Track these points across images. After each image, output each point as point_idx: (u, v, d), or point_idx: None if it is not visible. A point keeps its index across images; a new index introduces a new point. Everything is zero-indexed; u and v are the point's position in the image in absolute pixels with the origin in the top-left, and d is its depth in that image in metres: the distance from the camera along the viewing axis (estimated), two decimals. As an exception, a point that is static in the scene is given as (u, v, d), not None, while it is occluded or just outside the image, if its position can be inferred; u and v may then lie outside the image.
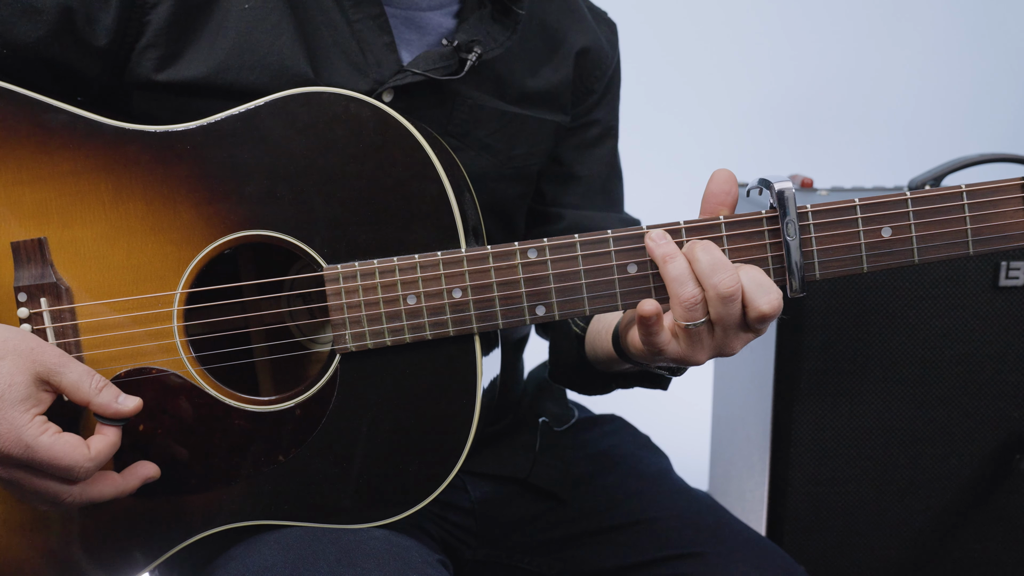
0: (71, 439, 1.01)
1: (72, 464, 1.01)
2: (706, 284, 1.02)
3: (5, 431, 0.98)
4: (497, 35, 1.29)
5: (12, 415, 0.99)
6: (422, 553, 1.15)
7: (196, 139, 1.10)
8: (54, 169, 1.11)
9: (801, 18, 3.28)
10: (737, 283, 1.02)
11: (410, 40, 1.27)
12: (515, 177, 1.38)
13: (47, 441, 1.00)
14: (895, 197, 1.04)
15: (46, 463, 1.00)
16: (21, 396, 1.00)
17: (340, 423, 1.13)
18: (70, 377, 1.03)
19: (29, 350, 1.02)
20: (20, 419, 0.99)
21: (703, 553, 1.33)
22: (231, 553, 1.14)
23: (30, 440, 0.99)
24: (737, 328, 1.04)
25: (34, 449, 0.99)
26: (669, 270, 1.04)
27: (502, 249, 1.08)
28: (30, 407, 1.00)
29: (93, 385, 1.04)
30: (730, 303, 1.02)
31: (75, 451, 1.01)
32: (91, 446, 1.03)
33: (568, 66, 1.41)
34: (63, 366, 1.03)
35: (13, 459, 1.00)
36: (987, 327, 1.76)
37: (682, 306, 1.03)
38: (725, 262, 1.03)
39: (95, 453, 1.02)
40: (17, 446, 0.99)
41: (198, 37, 1.17)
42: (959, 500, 1.83)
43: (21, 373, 1.00)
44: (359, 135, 1.09)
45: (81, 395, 1.03)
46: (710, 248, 1.03)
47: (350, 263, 1.10)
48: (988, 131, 3.21)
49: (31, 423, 1.00)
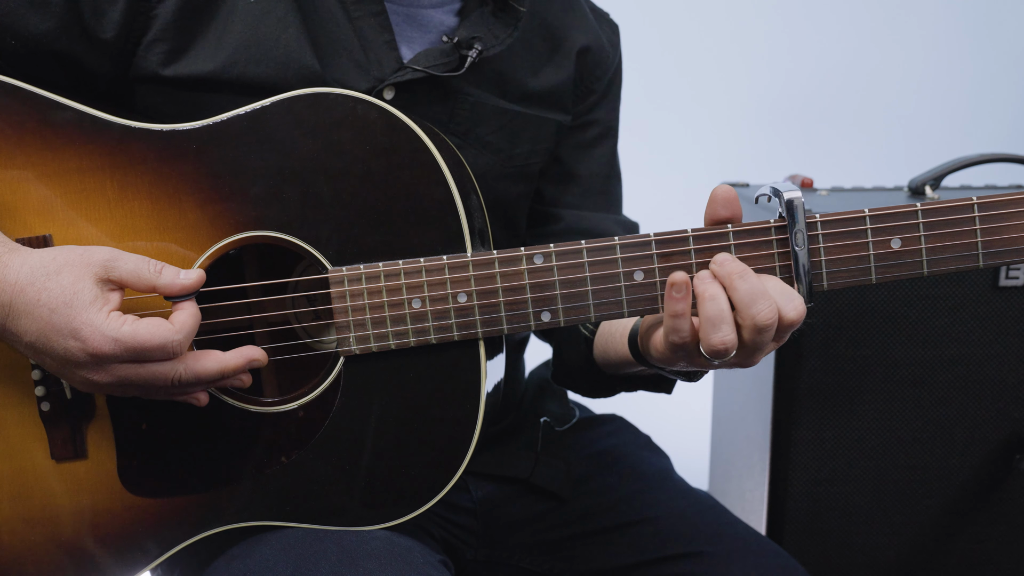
0: (152, 321, 1.02)
1: (163, 340, 1.01)
2: (743, 314, 1.01)
3: (89, 334, 0.99)
4: (498, 32, 1.29)
5: (89, 317, 0.99)
6: (424, 553, 1.15)
7: (202, 138, 1.10)
8: (60, 166, 1.11)
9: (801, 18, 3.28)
10: (775, 314, 1.00)
11: (412, 37, 1.27)
12: (517, 176, 1.38)
13: (129, 329, 1.00)
14: (905, 208, 1.03)
15: (139, 348, 1.00)
16: (90, 299, 1.00)
17: (343, 425, 1.12)
18: (127, 267, 1.03)
19: (79, 256, 1.02)
20: (97, 318, 1.00)
21: (704, 553, 1.33)
22: (232, 553, 1.15)
23: (114, 333, 0.99)
24: (765, 348, 1.04)
25: (122, 340, 1.00)
26: (705, 308, 1.02)
27: (508, 254, 1.08)
28: (102, 306, 1.01)
29: (152, 269, 1.04)
30: (766, 332, 1.01)
31: (160, 329, 1.01)
32: (174, 321, 1.03)
33: (569, 65, 1.41)
34: (116, 259, 1.03)
35: (109, 356, 1.00)
36: (987, 327, 1.76)
37: (712, 350, 1.02)
38: (763, 290, 1.01)
39: (179, 326, 1.03)
40: (107, 343, 0.99)
41: (205, 31, 1.17)
42: (959, 500, 1.83)
43: (82, 280, 1.01)
44: (366, 137, 1.09)
45: (143, 282, 1.04)
46: (748, 277, 1.02)
47: (355, 266, 1.09)
48: (988, 131, 3.21)
49: (108, 319, 1.00)
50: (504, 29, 1.30)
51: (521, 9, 1.30)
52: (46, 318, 0.99)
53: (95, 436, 1.14)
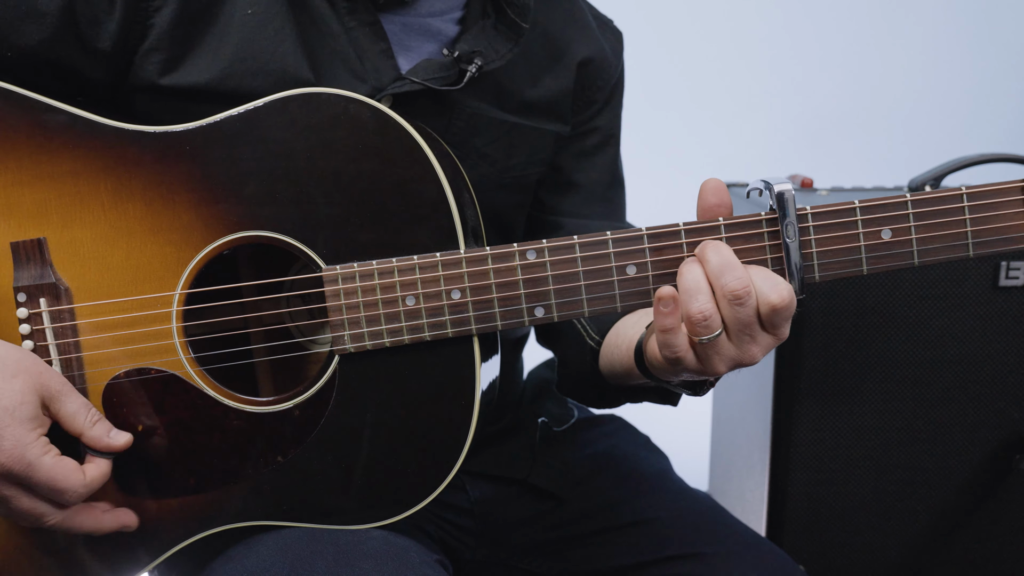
0: (70, 463, 1.03)
1: (67, 487, 1.03)
2: (715, 285, 1.01)
3: (10, 447, 1.00)
4: (499, 47, 1.28)
5: (20, 432, 1.00)
6: (420, 553, 1.15)
7: (195, 140, 1.10)
8: (54, 169, 1.11)
9: (801, 18, 3.28)
10: (747, 283, 1.00)
11: (410, 46, 1.27)
12: (513, 187, 1.38)
13: (49, 462, 1.02)
14: (895, 199, 1.03)
15: (43, 483, 1.02)
16: (30, 415, 1.02)
17: (339, 424, 1.12)
18: (69, 407, 1.05)
19: (38, 373, 1.04)
20: (27, 437, 1.01)
21: (702, 554, 1.33)
22: (229, 554, 1.14)
23: (33, 459, 1.01)
24: (754, 331, 1.02)
25: (35, 468, 1.01)
26: (682, 281, 1.03)
27: (501, 250, 1.08)
28: (36, 427, 1.02)
29: (88, 418, 1.06)
30: (738, 305, 1.00)
31: (72, 475, 1.03)
32: (87, 473, 1.05)
33: (569, 76, 1.40)
34: (65, 395, 1.05)
35: (12, 475, 1.01)
36: (987, 327, 1.76)
37: (691, 320, 1.01)
38: (735, 262, 1.01)
39: (90, 480, 1.05)
40: (19, 463, 1.00)
41: (201, 42, 1.17)
42: (959, 500, 1.83)
43: (31, 393, 1.02)
44: (358, 136, 1.09)
45: (76, 425, 1.06)
46: (720, 249, 1.02)
47: (349, 264, 1.10)
48: (988, 131, 3.21)
49: (36, 442, 1.01)
50: (505, 44, 1.29)
51: (524, 25, 1.29)
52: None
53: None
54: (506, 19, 1.29)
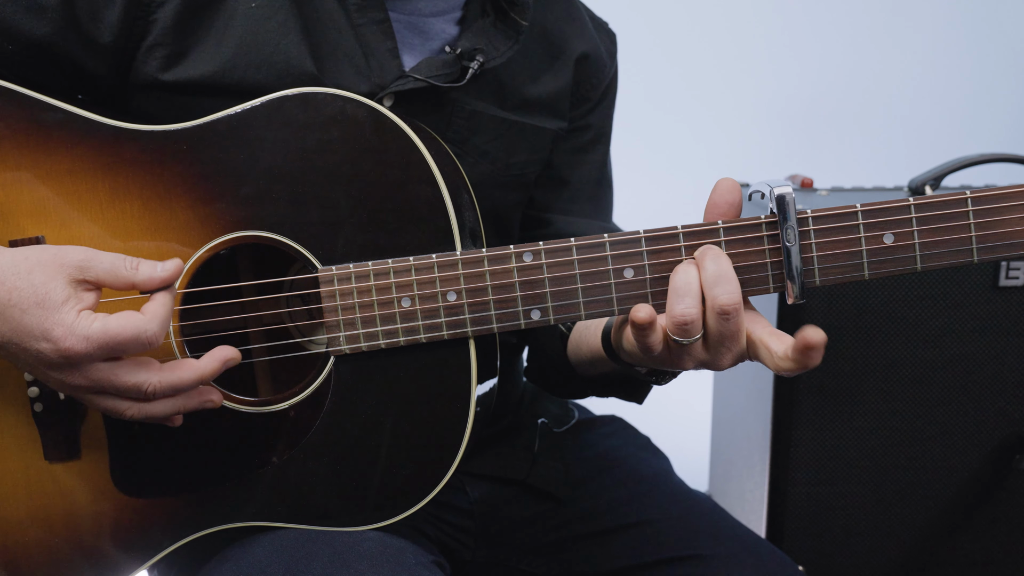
0: (123, 314, 0.99)
1: (135, 331, 0.99)
2: (707, 294, 1.01)
3: (61, 334, 0.97)
4: (499, 44, 1.29)
5: (60, 318, 0.97)
6: (417, 554, 1.15)
7: (193, 139, 1.10)
8: (52, 168, 1.11)
9: (801, 18, 3.28)
10: (738, 300, 1.00)
11: (413, 45, 1.27)
12: (513, 185, 1.38)
13: (100, 325, 0.98)
14: (897, 203, 1.01)
15: (111, 343, 0.98)
16: (62, 299, 0.98)
17: (334, 425, 1.12)
18: (103, 266, 1.01)
19: (52, 256, 1.00)
20: (67, 318, 0.98)
21: (702, 555, 1.33)
22: (225, 554, 1.14)
23: (85, 331, 0.97)
24: (732, 345, 1.02)
25: (93, 338, 0.97)
26: (674, 279, 1.03)
27: (497, 252, 1.08)
28: (74, 305, 0.99)
29: (128, 266, 1.02)
30: (724, 319, 1.00)
31: (131, 320, 0.99)
32: (145, 311, 1.01)
33: (568, 72, 1.40)
34: (92, 259, 1.01)
35: (83, 356, 0.98)
36: (987, 327, 1.76)
37: (672, 320, 1.01)
38: (731, 276, 1.01)
39: (151, 315, 1.00)
40: (78, 342, 0.97)
41: (205, 36, 1.17)
42: (959, 500, 1.83)
43: (54, 279, 0.99)
44: (355, 136, 1.08)
45: (121, 279, 1.02)
46: (720, 259, 1.02)
47: (344, 265, 1.09)
48: (988, 131, 3.21)
49: (79, 318, 0.98)
50: (505, 41, 1.29)
51: (523, 23, 1.30)
52: (17, 319, 0.98)
53: (88, 437, 1.14)
54: (506, 17, 1.29)
